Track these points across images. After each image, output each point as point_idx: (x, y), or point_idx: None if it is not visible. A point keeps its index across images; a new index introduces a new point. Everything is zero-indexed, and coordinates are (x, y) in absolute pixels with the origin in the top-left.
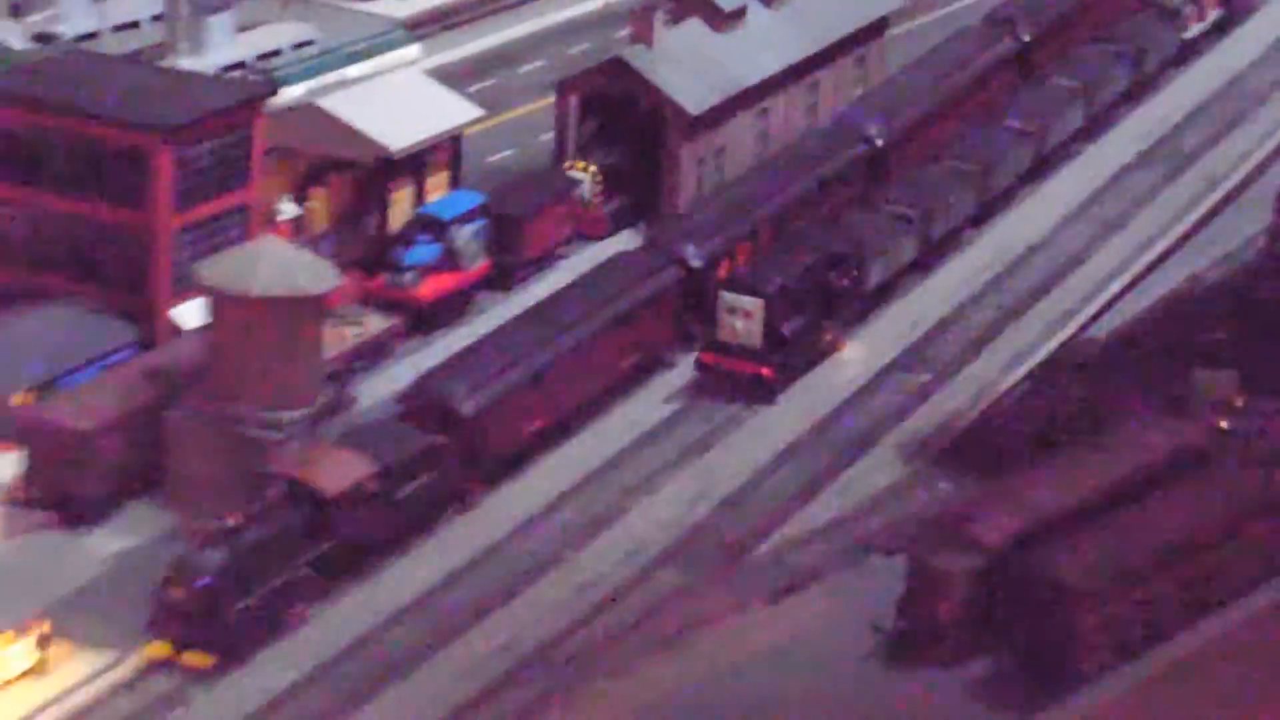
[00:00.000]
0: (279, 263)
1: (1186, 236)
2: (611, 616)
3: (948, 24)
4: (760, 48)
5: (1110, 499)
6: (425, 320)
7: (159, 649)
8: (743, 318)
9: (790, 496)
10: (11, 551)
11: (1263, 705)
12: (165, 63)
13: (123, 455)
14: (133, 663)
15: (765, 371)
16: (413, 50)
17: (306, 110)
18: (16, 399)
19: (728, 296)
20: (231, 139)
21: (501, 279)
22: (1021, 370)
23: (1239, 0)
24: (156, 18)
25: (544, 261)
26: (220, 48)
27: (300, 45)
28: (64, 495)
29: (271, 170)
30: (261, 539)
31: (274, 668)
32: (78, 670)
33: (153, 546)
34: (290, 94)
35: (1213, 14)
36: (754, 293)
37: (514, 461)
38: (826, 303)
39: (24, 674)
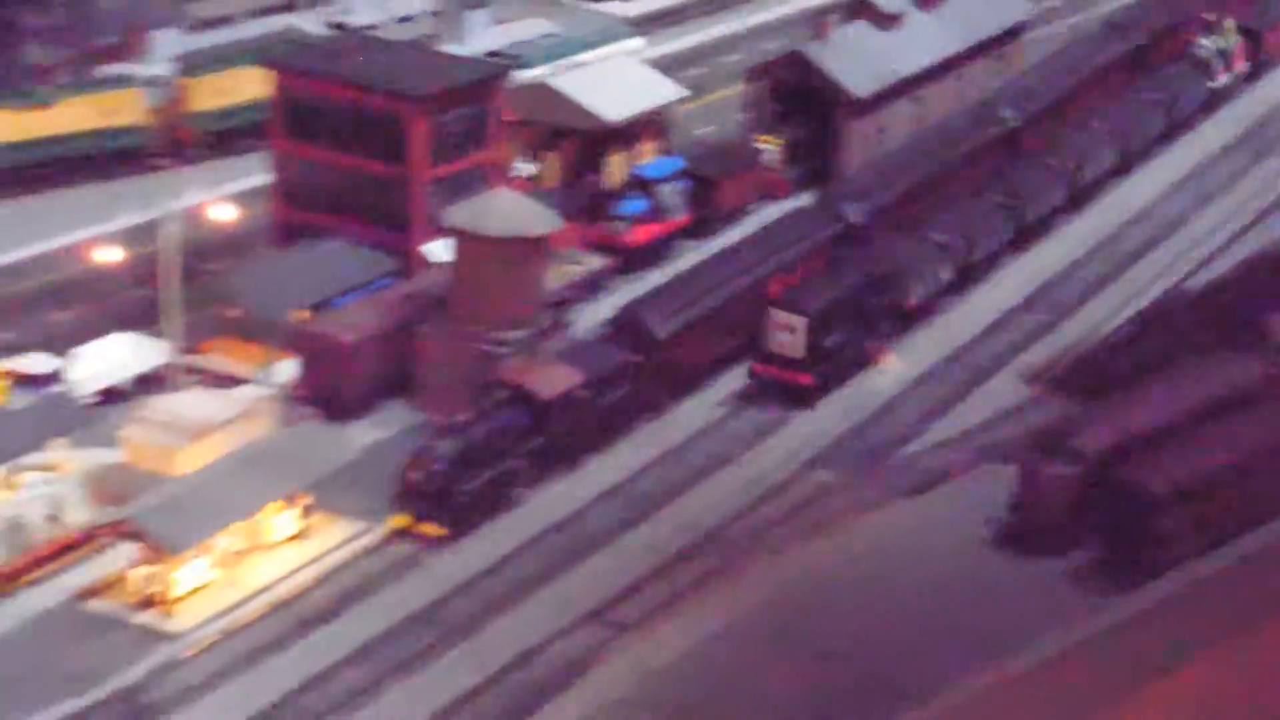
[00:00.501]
0: (512, 210)
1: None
2: (773, 506)
3: (1077, 30)
4: (916, 45)
5: (1192, 421)
6: (633, 261)
7: (401, 521)
8: (789, 332)
9: (925, 414)
10: (285, 438)
11: None
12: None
13: (379, 364)
14: (379, 531)
15: (805, 379)
16: (636, 43)
17: (541, 88)
18: (296, 316)
19: (776, 314)
20: (478, 108)
21: (699, 229)
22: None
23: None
24: (431, 12)
25: (734, 215)
26: (479, 37)
27: (545, 36)
28: (330, 394)
29: (512, 135)
30: (488, 433)
31: (495, 539)
32: (334, 536)
33: (399, 438)
34: (533, 75)
35: (1240, 66)
36: (798, 311)
37: (698, 378)
38: (867, 320)
39: (290, 538)
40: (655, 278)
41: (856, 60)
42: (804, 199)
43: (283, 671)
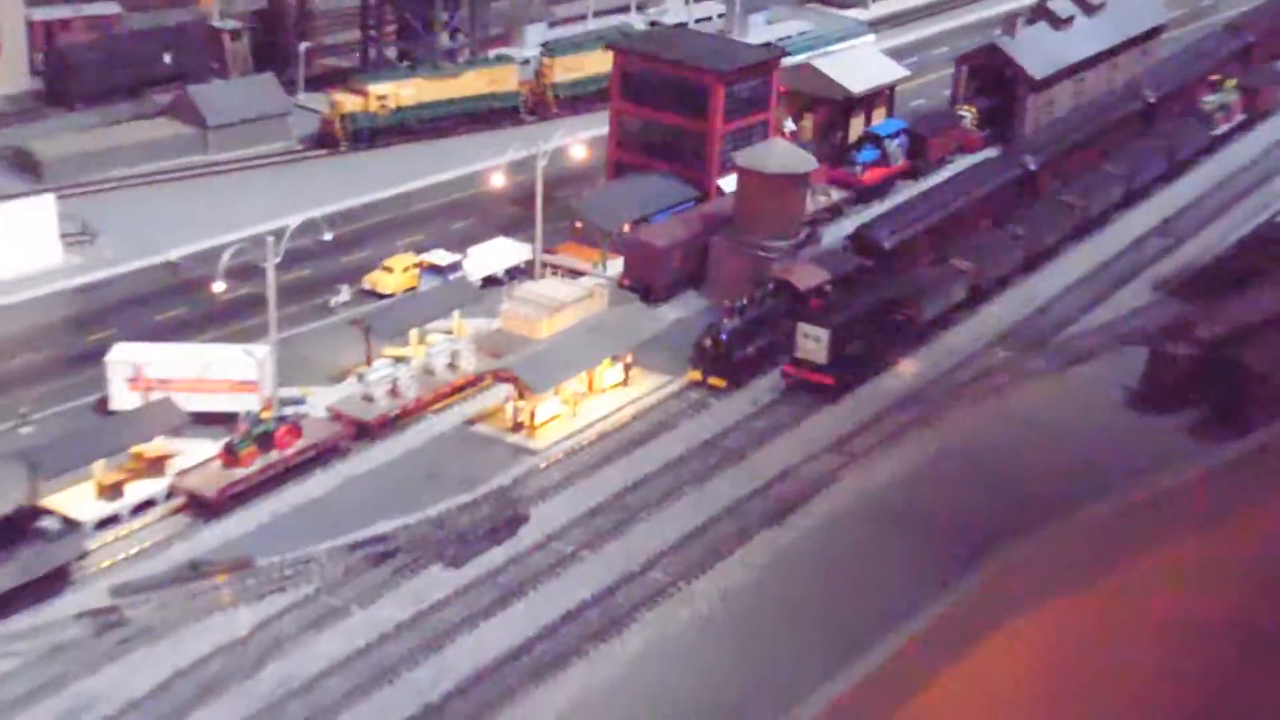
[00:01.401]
0: (781, 154)
1: None
2: (964, 372)
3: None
4: (1080, 40)
5: None
6: (867, 195)
7: (695, 375)
8: (815, 341)
9: (1075, 309)
10: (614, 315)
11: None
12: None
13: (682, 262)
14: (679, 382)
15: (828, 380)
16: (869, 38)
17: (805, 67)
18: (624, 227)
19: (805, 326)
20: (758, 81)
21: (915, 172)
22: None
23: (1260, 105)
24: (720, 14)
25: (940, 164)
26: (757, 32)
27: (802, 33)
28: (647, 284)
29: (783, 102)
30: (760, 314)
31: (762, 391)
32: (647, 385)
33: (696, 316)
34: (798, 59)
35: (1238, 117)
36: (822, 324)
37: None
38: (885, 332)
39: (616, 385)
40: (881, 207)
41: (1035, 50)
42: (992, 152)
43: (610, 479)
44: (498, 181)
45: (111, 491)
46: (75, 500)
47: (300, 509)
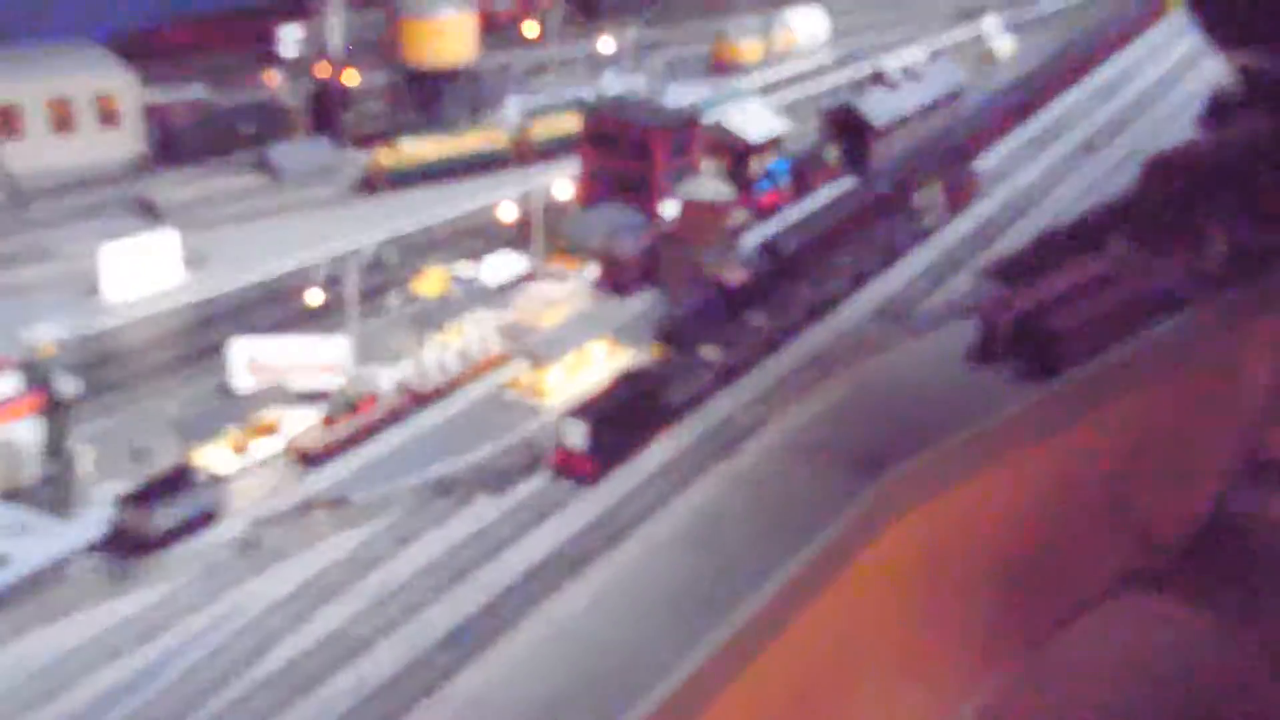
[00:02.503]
0: (710, 186)
1: None
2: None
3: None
4: (908, 98)
5: (1073, 292)
6: (764, 215)
7: (656, 349)
8: (575, 433)
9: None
10: (597, 309)
11: None
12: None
13: (642, 266)
14: (646, 353)
15: (587, 468)
16: (757, 100)
17: (715, 124)
18: (596, 243)
19: (565, 420)
20: (686, 133)
21: (799, 195)
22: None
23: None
24: (645, 85)
25: (815, 190)
26: (674, 96)
27: (705, 98)
28: (617, 283)
29: (702, 148)
30: (700, 306)
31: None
32: (624, 357)
33: (653, 307)
34: (709, 116)
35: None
36: (582, 417)
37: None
38: (643, 417)
39: (602, 357)
40: (775, 222)
41: (877, 107)
42: (848, 181)
43: None
44: (500, 212)
45: (240, 450)
46: (216, 457)
47: (381, 458)
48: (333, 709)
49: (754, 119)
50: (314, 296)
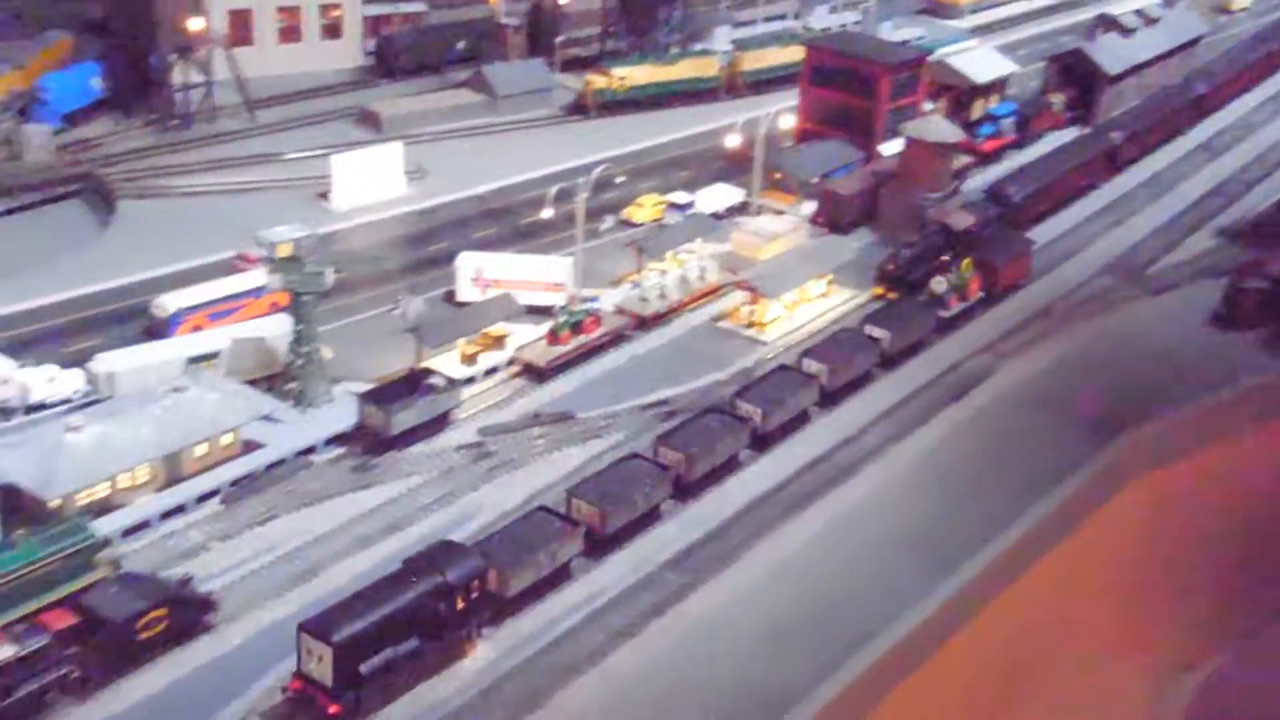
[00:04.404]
0: (939, 127)
1: None
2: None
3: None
4: (1144, 45)
5: None
6: (989, 158)
7: (877, 290)
8: (316, 659)
9: (1160, 249)
10: (816, 244)
11: None
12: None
13: (860, 206)
14: (865, 294)
15: (333, 710)
16: (974, 42)
17: (940, 63)
18: (815, 179)
19: (307, 639)
20: (911, 73)
21: (1021, 142)
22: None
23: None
24: (856, 22)
25: (1041, 135)
26: (886, 36)
27: (920, 37)
28: (834, 222)
29: (927, 88)
30: (925, 249)
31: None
32: (842, 296)
33: (871, 247)
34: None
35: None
36: (322, 639)
37: (1041, 219)
38: (430, 627)
39: (820, 296)
40: (1000, 169)
41: (1111, 53)
42: (1074, 131)
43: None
44: (722, 142)
45: (470, 360)
46: (445, 365)
47: (603, 377)
48: (562, 623)
49: (980, 60)
50: (534, 215)
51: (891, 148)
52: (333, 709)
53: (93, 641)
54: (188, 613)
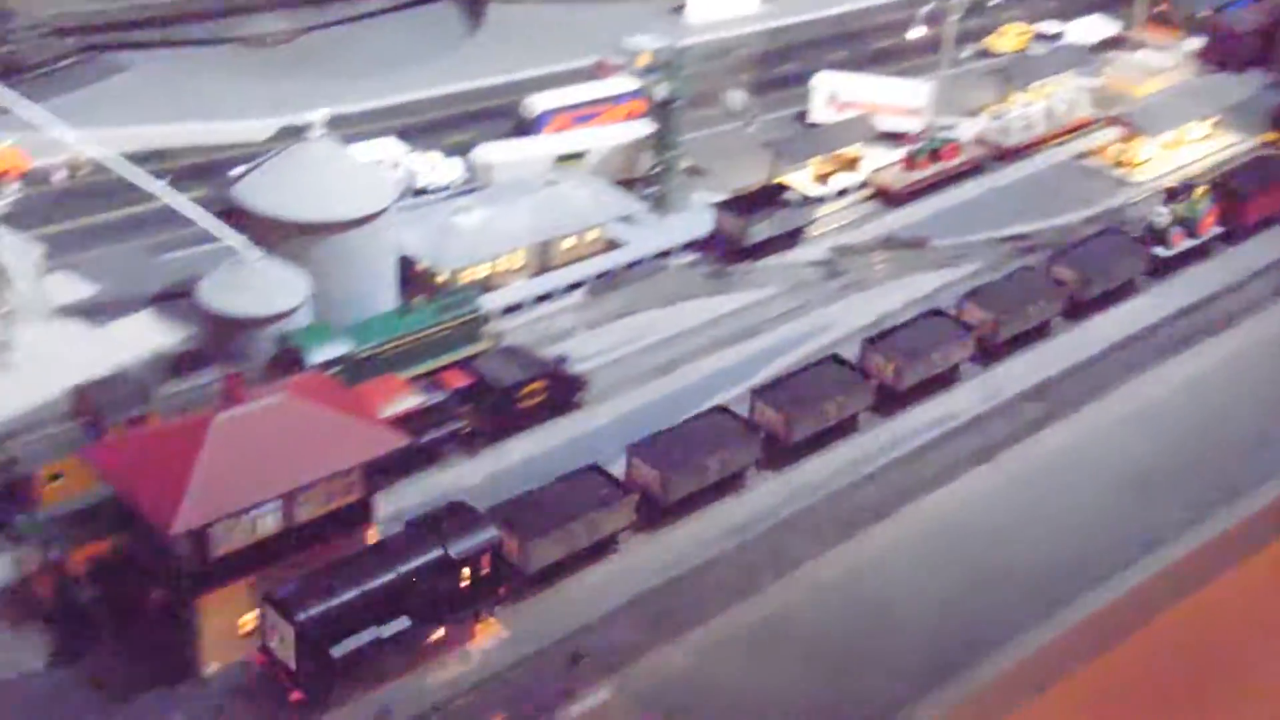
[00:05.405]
0: None
1: None
2: None
3: None
4: None
5: None
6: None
7: (1270, 136)
8: (279, 640)
9: None
10: (1203, 82)
11: None
12: None
13: (1259, 42)
14: (1255, 139)
15: (296, 695)
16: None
17: None
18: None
19: (269, 612)
20: None
21: None
22: None
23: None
24: None
25: None
26: None
27: None
28: (1223, 60)
29: None
30: None
31: None
32: (1226, 140)
33: (1265, 90)
34: None
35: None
36: (286, 618)
37: None
38: (422, 604)
39: (1202, 139)
40: None
41: None
42: None
43: None
44: None
45: (822, 180)
46: (799, 182)
47: (959, 207)
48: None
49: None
50: (889, 38)
51: None
52: (295, 695)
53: (481, 403)
54: (562, 388)
